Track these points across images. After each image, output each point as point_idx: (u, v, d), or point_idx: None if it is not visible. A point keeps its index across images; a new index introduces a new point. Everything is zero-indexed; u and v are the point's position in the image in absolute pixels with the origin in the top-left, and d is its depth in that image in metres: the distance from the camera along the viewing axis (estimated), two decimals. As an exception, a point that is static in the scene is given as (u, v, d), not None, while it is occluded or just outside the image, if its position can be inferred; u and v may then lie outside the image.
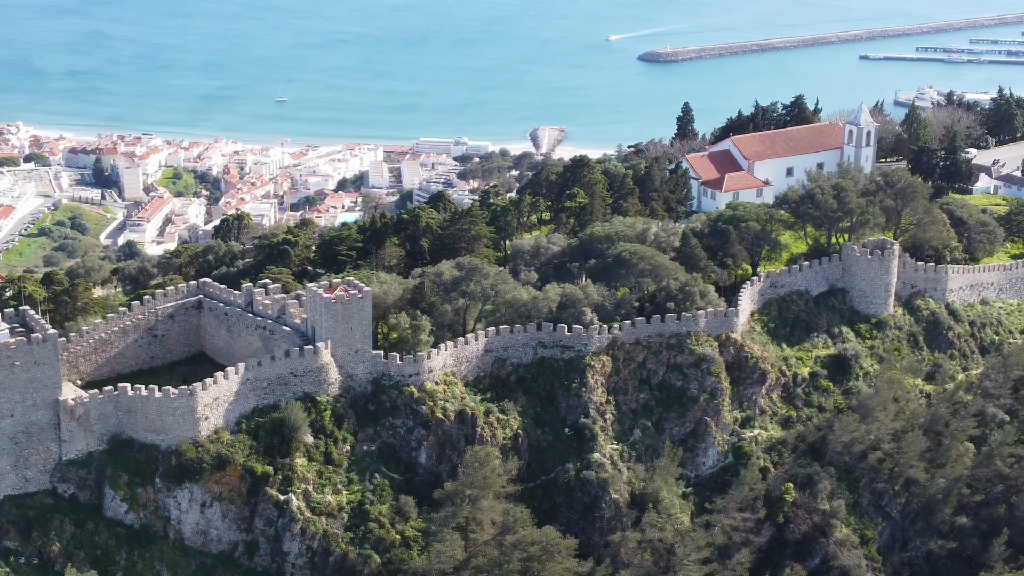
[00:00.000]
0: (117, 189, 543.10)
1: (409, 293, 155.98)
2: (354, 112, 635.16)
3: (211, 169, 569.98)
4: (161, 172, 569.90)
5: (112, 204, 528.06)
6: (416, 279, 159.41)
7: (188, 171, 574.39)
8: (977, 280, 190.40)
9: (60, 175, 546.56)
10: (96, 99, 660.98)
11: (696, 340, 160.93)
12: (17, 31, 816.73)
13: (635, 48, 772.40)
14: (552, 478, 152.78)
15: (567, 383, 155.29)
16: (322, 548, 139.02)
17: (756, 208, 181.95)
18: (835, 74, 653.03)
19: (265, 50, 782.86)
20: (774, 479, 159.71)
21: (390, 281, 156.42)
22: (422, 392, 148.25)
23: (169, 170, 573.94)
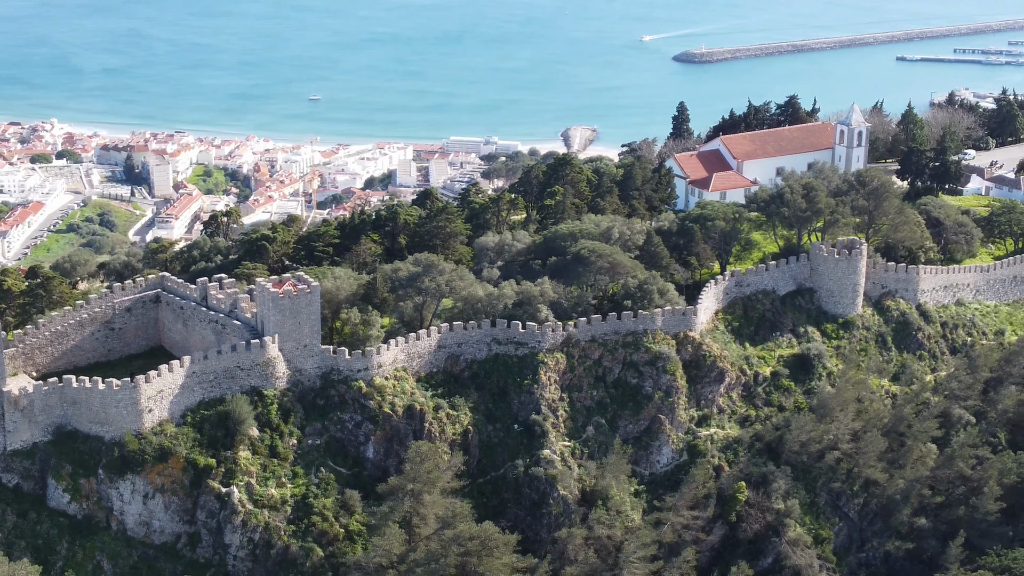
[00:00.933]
0: (147, 186, 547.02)
1: (362, 289, 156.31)
2: (386, 111, 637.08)
3: (241, 167, 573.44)
4: (192, 169, 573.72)
5: (141, 201, 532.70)
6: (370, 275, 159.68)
7: (219, 169, 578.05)
8: (951, 281, 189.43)
9: (91, 172, 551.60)
10: (131, 97, 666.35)
11: (653, 338, 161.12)
12: (57, 30, 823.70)
13: (669, 48, 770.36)
14: (501, 474, 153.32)
15: (520, 380, 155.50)
16: (264, 540, 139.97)
17: (724, 207, 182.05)
18: (871, 75, 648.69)
19: (300, 49, 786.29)
20: (727, 478, 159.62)
21: (344, 277, 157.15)
22: (371, 387, 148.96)
23: (200, 167, 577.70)
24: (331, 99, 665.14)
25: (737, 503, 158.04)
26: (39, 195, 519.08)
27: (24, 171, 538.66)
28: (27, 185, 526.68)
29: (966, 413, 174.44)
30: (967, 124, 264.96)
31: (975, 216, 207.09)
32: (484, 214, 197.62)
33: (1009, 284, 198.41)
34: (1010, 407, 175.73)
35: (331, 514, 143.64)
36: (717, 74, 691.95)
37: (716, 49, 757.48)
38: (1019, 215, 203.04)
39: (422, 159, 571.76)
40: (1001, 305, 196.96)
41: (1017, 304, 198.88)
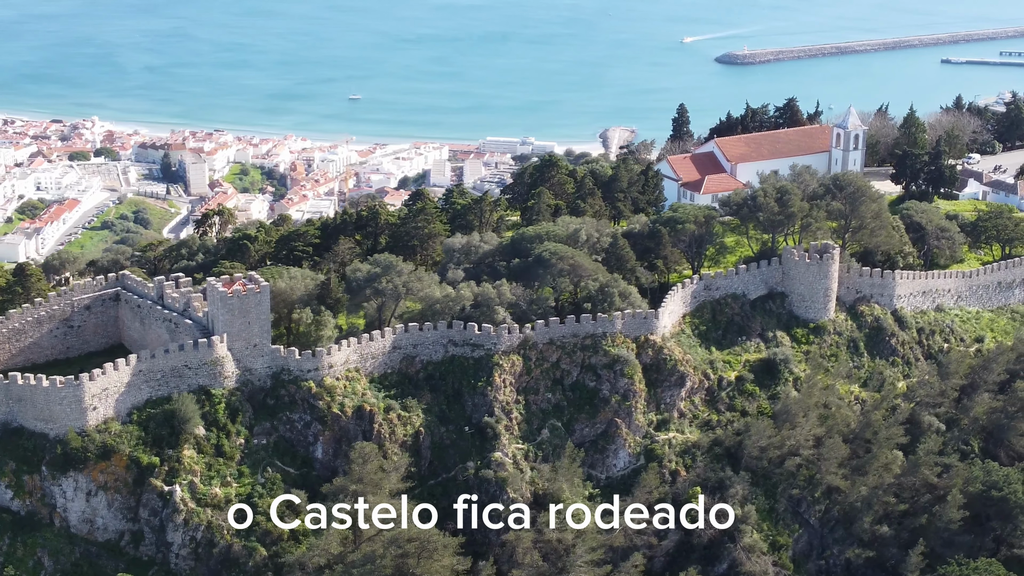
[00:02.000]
0: (183, 184, 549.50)
1: (317, 289, 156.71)
2: (426, 111, 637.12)
3: (278, 166, 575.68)
4: (229, 168, 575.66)
5: (176, 199, 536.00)
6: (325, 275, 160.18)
7: (255, 167, 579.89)
8: (930, 287, 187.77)
9: (128, 169, 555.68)
10: (172, 96, 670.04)
11: (612, 341, 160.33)
12: (102, 29, 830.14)
13: (711, 50, 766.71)
14: (452, 476, 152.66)
15: (474, 382, 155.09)
16: (206, 539, 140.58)
17: (696, 210, 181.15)
18: (915, 78, 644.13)
19: (341, 49, 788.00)
20: (683, 483, 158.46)
21: (299, 277, 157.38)
22: (320, 387, 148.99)
23: (237, 166, 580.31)
24: (371, 98, 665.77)
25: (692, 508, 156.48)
26: (75, 192, 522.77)
27: (62, 168, 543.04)
28: (64, 182, 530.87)
29: (936, 420, 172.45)
30: (973, 128, 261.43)
31: (963, 221, 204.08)
32: (467, 215, 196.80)
33: (993, 290, 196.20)
34: (981, 415, 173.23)
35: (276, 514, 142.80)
36: (759, 76, 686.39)
37: (759, 51, 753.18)
38: (1005, 220, 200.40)
39: (457, 159, 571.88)
40: (984, 311, 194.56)
41: (1001, 310, 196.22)
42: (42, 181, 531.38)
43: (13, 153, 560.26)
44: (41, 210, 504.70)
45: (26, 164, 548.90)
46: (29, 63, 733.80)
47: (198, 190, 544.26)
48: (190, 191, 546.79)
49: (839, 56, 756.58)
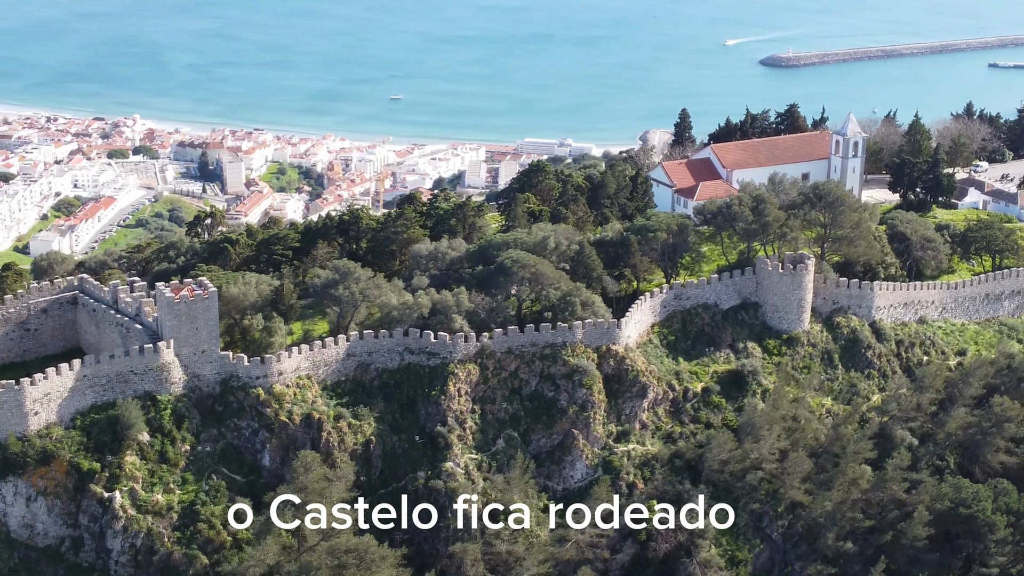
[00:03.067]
0: (219, 183, 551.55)
1: (271, 295, 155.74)
2: (467, 111, 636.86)
3: (315, 165, 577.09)
4: (266, 167, 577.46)
5: (212, 197, 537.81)
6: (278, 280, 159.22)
7: (293, 167, 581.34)
8: (912, 298, 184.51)
9: (166, 168, 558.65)
10: (214, 95, 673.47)
11: (572, 351, 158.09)
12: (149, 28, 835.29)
13: (755, 52, 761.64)
14: (402, 486, 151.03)
15: (428, 390, 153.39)
16: (146, 547, 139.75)
17: (669, 218, 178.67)
18: (962, 81, 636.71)
19: (385, 49, 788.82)
20: (640, 496, 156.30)
21: (253, 283, 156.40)
22: (269, 394, 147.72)
23: (274, 165, 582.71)
24: (413, 97, 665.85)
25: (648, 522, 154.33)
26: (111, 190, 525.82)
27: (99, 166, 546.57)
28: (100, 180, 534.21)
29: (908, 435, 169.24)
30: (983, 135, 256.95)
31: (954, 232, 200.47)
32: (448, 220, 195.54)
33: (980, 302, 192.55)
34: (955, 430, 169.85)
35: (219, 522, 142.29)
36: (804, 79, 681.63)
37: (804, 53, 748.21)
38: (996, 231, 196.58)
39: (493, 160, 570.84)
40: (970, 324, 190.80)
41: (988, 323, 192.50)
42: (79, 178, 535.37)
43: (53, 150, 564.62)
44: (77, 207, 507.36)
45: (65, 161, 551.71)
46: (73, 61, 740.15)
47: (234, 189, 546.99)
48: (226, 190, 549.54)
49: (884, 60, 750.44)
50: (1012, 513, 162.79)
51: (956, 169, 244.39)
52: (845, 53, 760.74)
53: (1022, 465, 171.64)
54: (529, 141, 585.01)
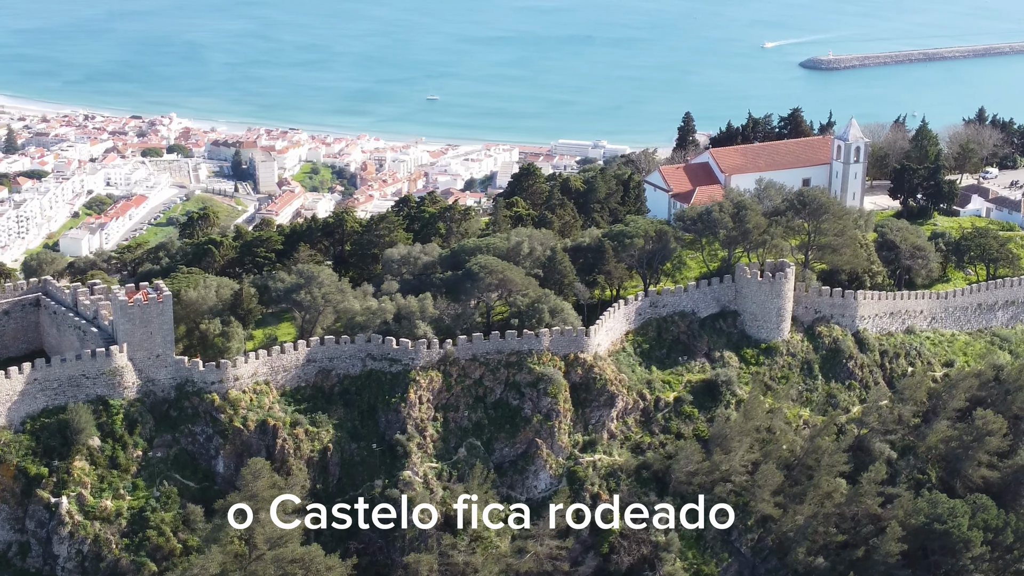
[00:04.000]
0: (252, 182, 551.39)
1: (231, 299, 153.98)
2: (502, 111, 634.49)
3: (349, 165, 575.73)
4: (300, 167, 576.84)
5: (244, 196, 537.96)
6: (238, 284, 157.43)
7: (326, 167, 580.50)
8: (899, 308, 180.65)
9: (199, 167, 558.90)
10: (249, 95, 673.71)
11: (538, 359, 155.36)
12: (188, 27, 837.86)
13: (794, 54, 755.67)
14: (359, 494, 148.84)
15: (388, 397, 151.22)
16: (93, 553, 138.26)
17: (647, 224, 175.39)
18: (1006, 85, 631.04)
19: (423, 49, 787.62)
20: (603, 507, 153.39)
21: (213, 286, 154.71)
22: (224, 400, 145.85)
23: (308, 165, 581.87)
24: (449, 98, 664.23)
25: (610, 534, 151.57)
26: (143, 188, 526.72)
27: (132, 164, 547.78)
28: (133, 178, 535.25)
29: (887, 448, 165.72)
30: (994, 141, 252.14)
31: (949, 239, 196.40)
32: (434, 223, 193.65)
33: (972, 312, 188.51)
34: (935, 444, 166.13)
35: (169, 529, 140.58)
36: (844, 81, 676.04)
37: (844, 56, 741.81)
38: (990, 240, 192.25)
39: (526, 161, 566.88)
40: (960, 334, 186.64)
41: (980, 333, 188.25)
42: (112, 176, 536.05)
43: (89, 148, 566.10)
44: (108, 205, 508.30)
45: (100, 159, 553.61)
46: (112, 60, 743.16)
47: (266, 188, 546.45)
48: (258, 189, 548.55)
49: (927, 63, 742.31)
50: (990, 530, 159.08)
51: (964, 175, 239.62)
52: (886, 56, 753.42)
53: (1004, 480, 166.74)
54: (563, 142, 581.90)
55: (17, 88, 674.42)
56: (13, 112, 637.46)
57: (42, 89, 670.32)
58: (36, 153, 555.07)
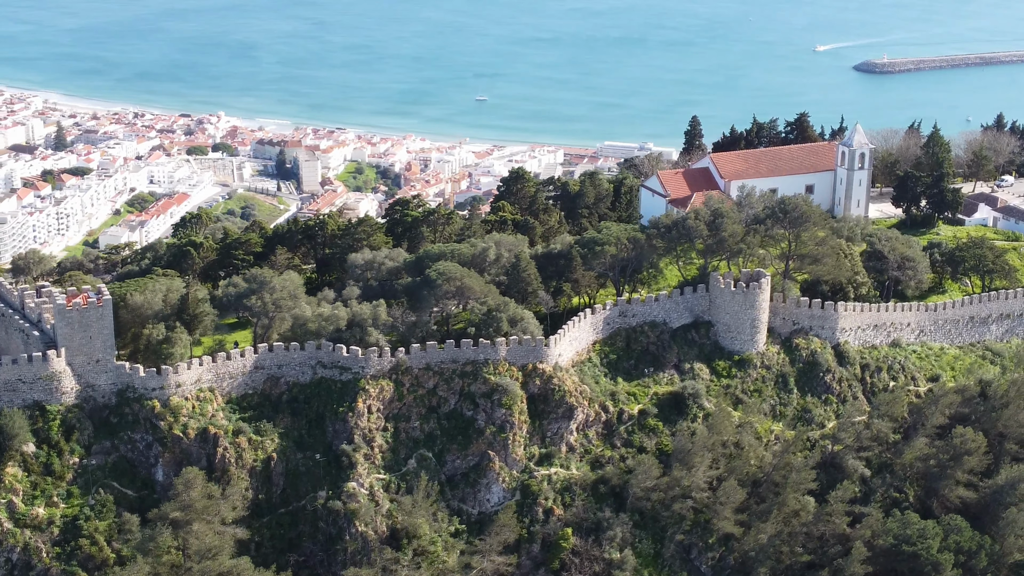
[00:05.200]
0: (295, 181, 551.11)
1: (177, 304, 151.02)
2: (551, 113, 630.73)
3: (393, 165, 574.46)
4: (344, 166, 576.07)
5: (287, 196, 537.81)
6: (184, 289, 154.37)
7: (371, 166, 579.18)
8: (884, 320, 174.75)
9: (244, 165, 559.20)
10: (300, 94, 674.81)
11: (494, 369, 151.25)
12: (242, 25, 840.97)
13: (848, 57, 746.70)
14: (302, 505, 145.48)
15: (336, 406, 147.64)
16: (23, 562, 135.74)
17: (620, 231, 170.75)
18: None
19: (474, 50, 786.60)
20: (556, 522, 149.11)
21: (160, 291, 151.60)
22: (165, 407, 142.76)
23: (352, 164, 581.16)
24: (498, 99, 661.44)
25: (561, 550, 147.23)
26: (185, 187, 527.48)
27: (176, 162, 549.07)
28: (176, 176, 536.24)
29: (860, 465, 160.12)
30: (1012, 148, 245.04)
31: (945, 250, 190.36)
32: (416, 227, 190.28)
33: (963, 326, 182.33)
34: (909, 461, 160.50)
35: (103, 538, 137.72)
36: (898, 85, 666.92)
37: (898, 60, 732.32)
38: (985, 251, 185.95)
39: (570, 163, 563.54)
40: (950, 348, 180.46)
41: (971, 348, 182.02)
42: (155, 174, 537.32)
43: (135, 146, 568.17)
44: (150, 203, 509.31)
45: (146, 157, 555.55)
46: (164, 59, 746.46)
47: (310, 187, 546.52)
48: (302, 188, 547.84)
49: (982, 67, 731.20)
50: (963, 552, 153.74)
51: (978, 183, 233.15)
52: (941, 60, 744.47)
53: (983, 501, 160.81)
54: (609, 145, 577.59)
55: (70, 86, 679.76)
56: (64, 109, 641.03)
57: (95, 87, 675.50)
58: (83, 150, 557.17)
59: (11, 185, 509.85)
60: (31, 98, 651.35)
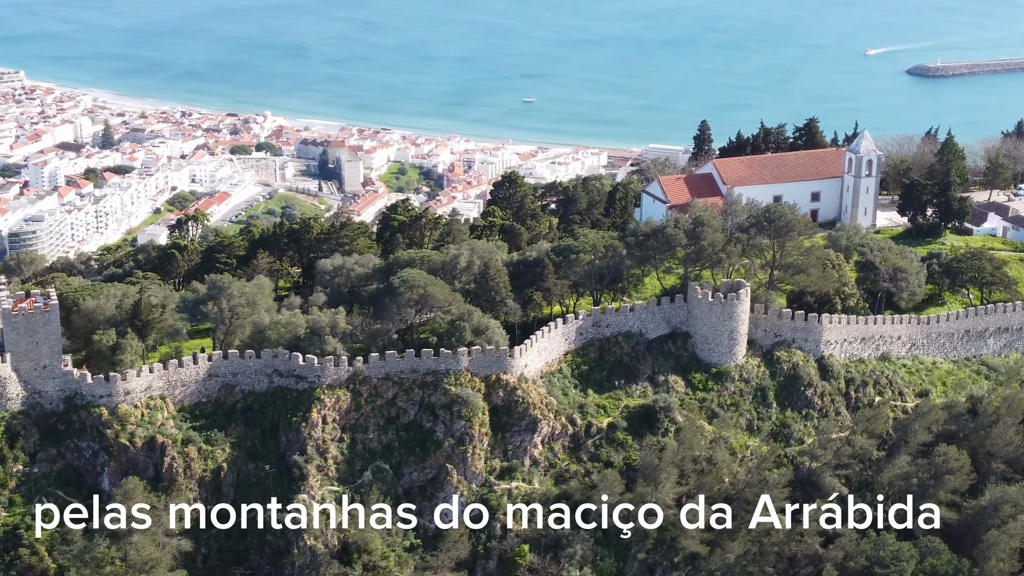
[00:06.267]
0: (337, 181, 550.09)
1: (130, 309, 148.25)
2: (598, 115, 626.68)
3: (437, 166, 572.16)
4: (387, 167, 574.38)
5: (328, 196, 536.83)
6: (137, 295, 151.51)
7: (414, 167, 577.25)
8: (872, 333, 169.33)
9: (287, 165, 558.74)
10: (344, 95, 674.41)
11: (456, 379, 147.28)
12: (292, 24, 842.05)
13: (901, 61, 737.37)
14: (251, 518, 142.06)
15: (290, 416, 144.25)
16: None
17: (596, 238, 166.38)
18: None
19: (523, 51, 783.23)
20: (513, 538, 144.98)
21: (117, 295, 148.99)
22: (113, 415, 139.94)
23: (396, 165, 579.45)
24: (546, 100, 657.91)
25: (518, 567, 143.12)
26: (226, 186, 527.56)
27: (218, 162, 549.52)
28: (218, 175, 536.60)
29: (838, 482, 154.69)
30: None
31: (944, 260, 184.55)
32: (401, 232, 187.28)
33: (959, 339, 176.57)
34: (889, 480, 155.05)
35: (44, 548, 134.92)
36: (952, 89, 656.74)
37: (952, 63, 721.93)
38: (984, 262, 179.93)
39: (614, 165, 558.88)
40: (944, 362, 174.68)
41: (966, 362, 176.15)
42: (197, 173, 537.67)
43: (180, 145, 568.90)
44: (190, 202, 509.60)
45: (190, 156, 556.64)
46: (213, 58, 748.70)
47: (351, 187, 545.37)
48: (343, 188, 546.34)
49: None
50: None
51: (993, 192, 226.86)
52: (997, 64, 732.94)
53: (966, 522, 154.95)
54: (653, 147, 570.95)
55: (120, 85, 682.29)
56: (114, 108, 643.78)
57: (143, 87, 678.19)
58: (128, 148, 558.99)
59: (55, 183, 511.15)
60: (81, 96, 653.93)
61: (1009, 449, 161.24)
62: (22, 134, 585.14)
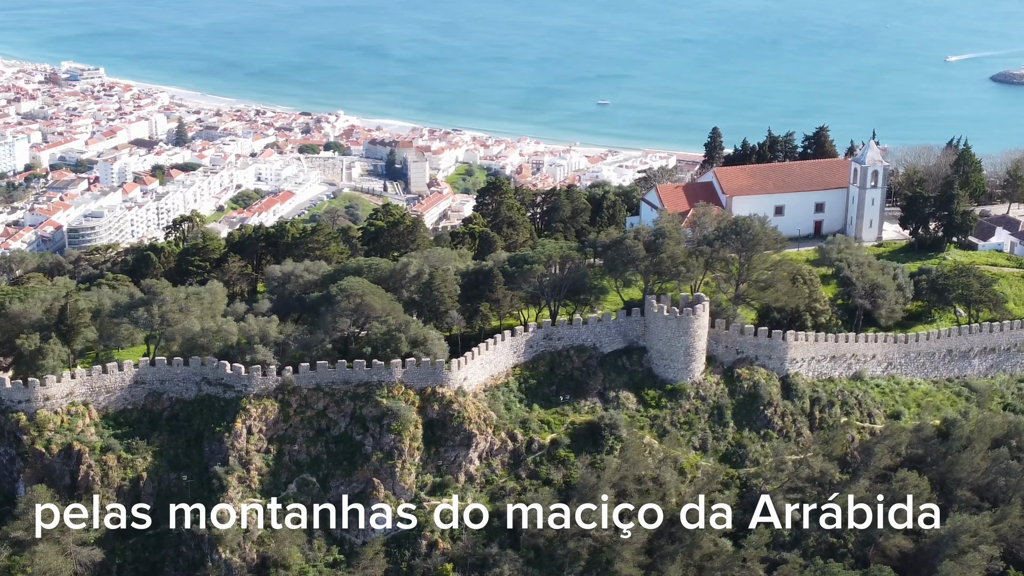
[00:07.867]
0: (403, 181, 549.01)
1: (56, 314, 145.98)
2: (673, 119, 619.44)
3: (504, 168, 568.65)
4: (455, 168, 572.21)
5: (393, 196, 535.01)
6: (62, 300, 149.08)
7: (482, 169, 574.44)
8: (843, 351, 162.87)
9: (353, 164, 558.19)
10: (418, 98, 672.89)
11: (388, 391, 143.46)
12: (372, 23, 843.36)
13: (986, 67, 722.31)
14: (168, 528, 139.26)
15: (214, 426, 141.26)
16: None
17: (554, 248, 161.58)
18: None
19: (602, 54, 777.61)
20: (438, 556, 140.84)
21: (46, 299, 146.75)
22: (31, 421, 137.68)
23: (463, 166, 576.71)
24: (621, 102, 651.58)
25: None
26: (291, 185, 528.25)
27: (284, 160, 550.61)
28: (283, 174, 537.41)
29: (789, 506, 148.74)
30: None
31: (933, 277, 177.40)
32: (380, 237, 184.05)
33: (940, 359, 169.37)
34: (843, 505, 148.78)
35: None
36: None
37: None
38: (972, 280, 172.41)
39: (682, 169, 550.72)
40: (922, 383, 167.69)
41: (948, 383, 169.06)
42: (263, 172, 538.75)
43: (251, 143, 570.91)
44: (255, 200, 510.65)
45: (259, 154, 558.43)
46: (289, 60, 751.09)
47: (417, 188, 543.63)
48: (409, 189, 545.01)
49: None
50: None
51: (1012, 205, 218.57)
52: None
53: (923, 552, 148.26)
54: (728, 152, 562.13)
55: (198, 83, 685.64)
56: (190, 105, 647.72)
57: (220, 85, 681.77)
58: (199, 146, 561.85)
59: (123, 179, 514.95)
60: (159, 93, 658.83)
61: (976, 476, 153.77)
62: (98, 130, 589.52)
